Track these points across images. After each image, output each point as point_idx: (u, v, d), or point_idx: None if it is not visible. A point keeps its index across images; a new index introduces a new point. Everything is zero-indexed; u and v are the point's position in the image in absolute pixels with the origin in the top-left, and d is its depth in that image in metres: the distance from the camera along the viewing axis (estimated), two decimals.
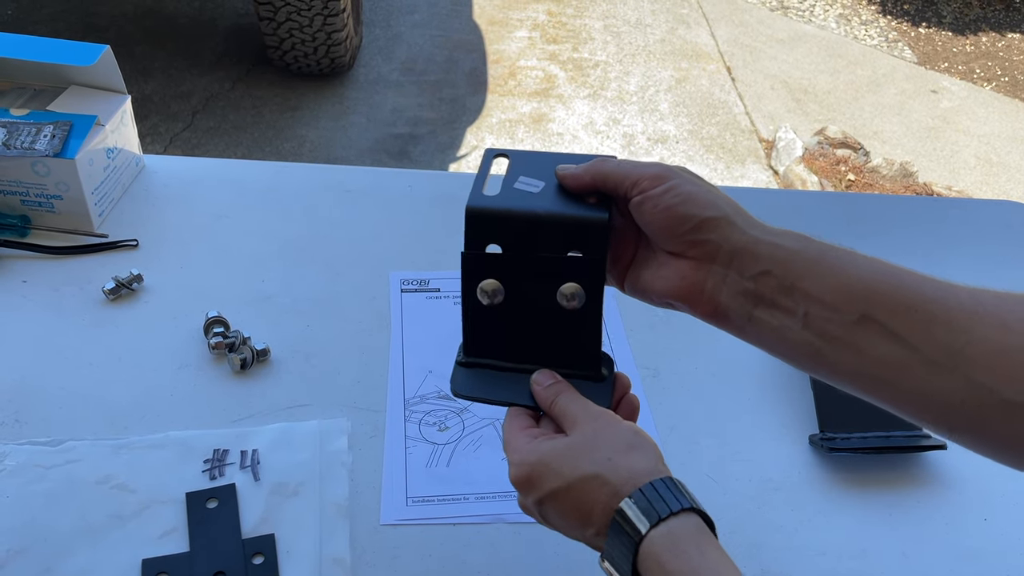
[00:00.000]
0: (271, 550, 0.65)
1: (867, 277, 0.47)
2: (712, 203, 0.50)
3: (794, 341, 0.49)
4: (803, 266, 0.48)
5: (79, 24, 3.44)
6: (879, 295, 0.46)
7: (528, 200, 0.54)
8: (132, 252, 0.92)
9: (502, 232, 0.53)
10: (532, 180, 0.55)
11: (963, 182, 3.12)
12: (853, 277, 0.47)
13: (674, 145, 3.15)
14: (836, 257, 0.48)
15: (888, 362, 0.46)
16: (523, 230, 0.53)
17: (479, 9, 3.94)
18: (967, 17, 4.35)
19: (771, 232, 0.50)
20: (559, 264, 0.53)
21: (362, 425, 0.76)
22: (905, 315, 0.45)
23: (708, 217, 0.50)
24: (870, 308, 0.46)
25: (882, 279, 0.47)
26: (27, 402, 0.75)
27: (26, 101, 0.96)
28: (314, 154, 2.89)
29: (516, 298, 0.55)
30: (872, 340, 0.46)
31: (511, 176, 0.56)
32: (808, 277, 0.47)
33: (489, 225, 0.54)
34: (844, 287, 0.47)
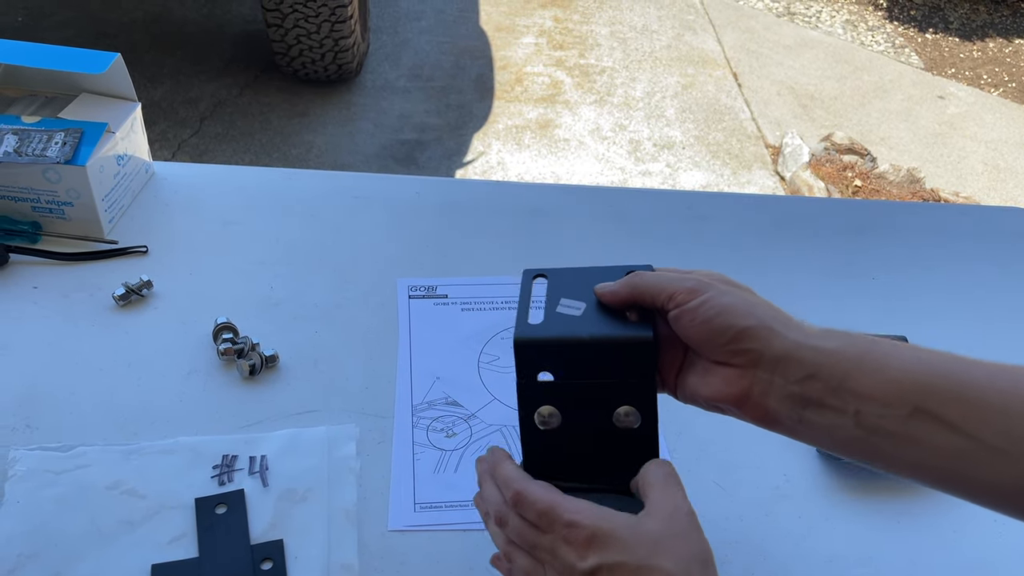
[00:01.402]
0: (280, 556, 0.65)
1: (914, 369, 0.47)
2: (749, 312, 0.51)
3: (848, 439, 0.48)
4: (848, 365, 0.48)
5: (88, 31, 3.46)
6: (929, 387, 0.46)
7: (572, 324, 0.54)
8: (142, 258, 0.92)
9: (551, 360, 0.54)
10: (573, 302, 0.56)
11: (970, 188, 3.11)
12: (900, 371, 0.47)
13: (680, 151, 3.15)
14: (881, 353, 0.48)
15: (949, 453, 0.45)
16: (571, 356, 0.53)
17: (486, 15, 3.95)
18: (974, 23, 4.34)
19: (812, 334, 0.50)
20: (611, 389, 0.53)
21: (370, 431, 0.76)
22: (958, 404, 0.45)
23: (746, 327, 0.50)
24: (922, 400, 0.46)
25: (930, 370, 0.46)
26: (37, 408, 0.75)
27: (37, 108, 0.97)
28: (321, 160, 2.90)
29: (572, 421, 0.54)
30: (929, 432, 0.46)
31: (552, 299, 0.56)
32: (854, 376, 0.47)
33: (538, 354, 0.54)
34: (893, 382, 0.47)
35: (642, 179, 2.99)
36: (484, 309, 0.90)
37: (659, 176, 3.02)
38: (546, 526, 0.49)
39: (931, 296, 0.96)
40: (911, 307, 0.94)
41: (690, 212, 1.07)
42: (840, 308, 0.93)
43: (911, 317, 0.92)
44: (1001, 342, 0.91)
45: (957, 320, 0.93)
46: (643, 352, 0.52)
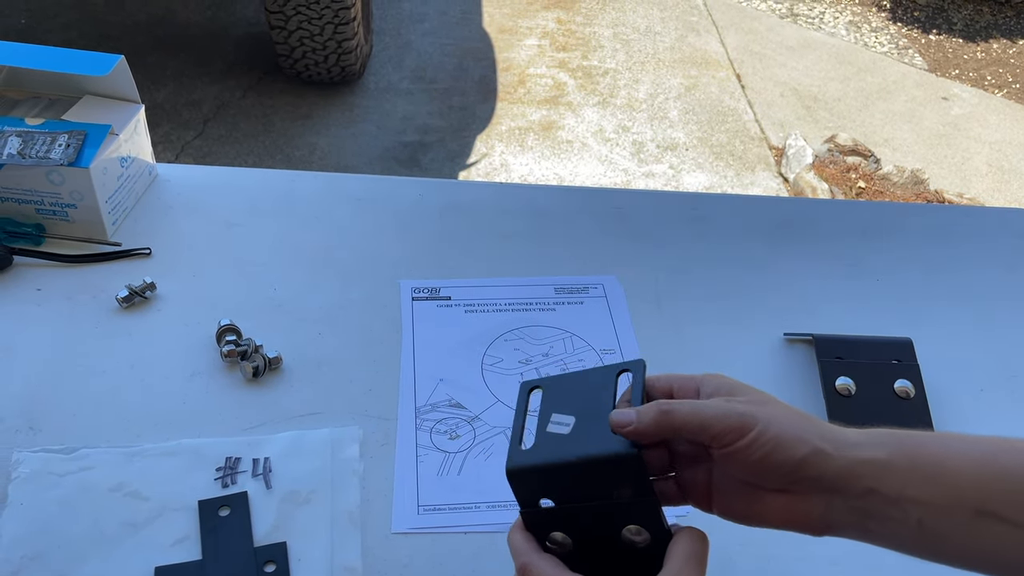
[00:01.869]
0: (283, 558, 0.65)
1: (969, 470, 0.46)
2: (800, 438, 0.48)
3: (914, 544, 0.48)
4: (902, 475, 0.47)
5: (92, 33, 3.47)
6: (988, 487, 0.45)
7: (561, 446, 0.51)
8: (145, 260, 0.92)
9: (544, 486, 0.51)
10: (563, 417, 0.52)
11: (974, 189, 3.10)
12: (955, 473, 0.46)
13: (683, 152, 3.14)
14: (932, 456, 0.47)
15: (1013, 548, 0.45)
16: (562, 479, 0.50)
17: (489, 17, 3.95)
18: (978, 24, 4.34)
19: (860, 445, 0.48)
20: (611, 509, 0.50)
21: (373, 433, 0.76)
22: (1019, 501, 0.44)
23: (802, 458, 0.48)
24: (983, 503, 0.45)
25: (984, 469, 0.46)
26: (41, 410, 0.75)
27: (41, 111, 0.97)
28: (324, 162, 2.91)
29: (583, 542, 0.52)
30: (995, 532, 0.45)
31: (544, 415, 0.53)
32: (911, 485, 0.46)
33: (531, 482, 0.51)
34: (951, 487, 0.46)
35: (645, 181, 2.99)
36: (487, 311, 0.90)
37: (662, 178, 3.02)
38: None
39: (935, 298, 0.96)
40: (915, 309, 0.94)
41: (693, 214, 1.07)
42: (844, 310, 0.93)
43: (915, 319, 0.92)
44: (1005, 343, 0.91)
45: (961, 322, 0.93)
46: (631, 466, 0.49)
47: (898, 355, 0.83)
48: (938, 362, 0.85)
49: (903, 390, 0.80)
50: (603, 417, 0.51)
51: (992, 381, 0.86)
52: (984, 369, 0.87)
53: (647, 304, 0.92)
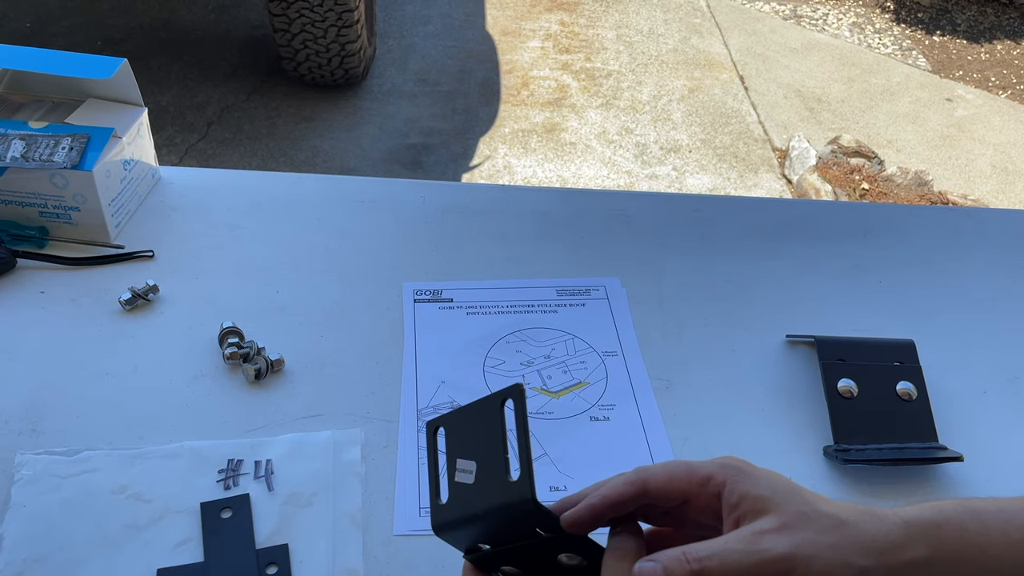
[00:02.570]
0: (285, 560, 0.65)
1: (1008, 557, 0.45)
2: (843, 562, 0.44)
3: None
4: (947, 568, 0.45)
5: (96, 36, 3.48)
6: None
7: (470, 496, 0.49)
8: (148, 263, 0.92)
9: (474, 534, 0.50)
10: (466, 463, 0.50)
11: (979, 191, 3.10)
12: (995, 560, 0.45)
13: (687, 154, 3.14)
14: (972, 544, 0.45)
15: None
16: (487, 527, 0.49)
17: (492, 20, 3.95)
18: (982, 25, 4.33)
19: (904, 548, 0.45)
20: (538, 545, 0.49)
21: (375, 435, 0.76)
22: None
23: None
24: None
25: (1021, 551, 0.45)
26: (44, 412, 0.76)
27: (44, 114, 0.97)
28: (327, 164, 2.91)
29: (532, 570, 0.51)
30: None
31: (451, 462, 0.51)
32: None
33: (460, 534, 0.50)
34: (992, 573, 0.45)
35: (648, 182, 2.99)
36: (489, 313, 0.90)
37: (665, 179, 3.02)
38: None
39: (939, 299, 0.96)
40: (919, 311, 0.94)
41: (697, 215, 1.06)
42: (846, 312, 0.93)
43: (918, 321, 0.92)
44: (1007, 345, 0.90)
45: (964, 324, 0.93)
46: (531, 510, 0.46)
47: (901, 357, 0.83)
48: (941, 364, 0.85)
49: (905, 392, 0.80)
50: (498, 459, 0.48)
51: (995, 383, 0.86)
52: (987, 371, 0.87)
53: (649, 306, 0.92)
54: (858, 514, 0.45)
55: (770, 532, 0.43)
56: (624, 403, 0.81)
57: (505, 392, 0.49)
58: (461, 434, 0.51)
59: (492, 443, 0.49)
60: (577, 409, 0.80)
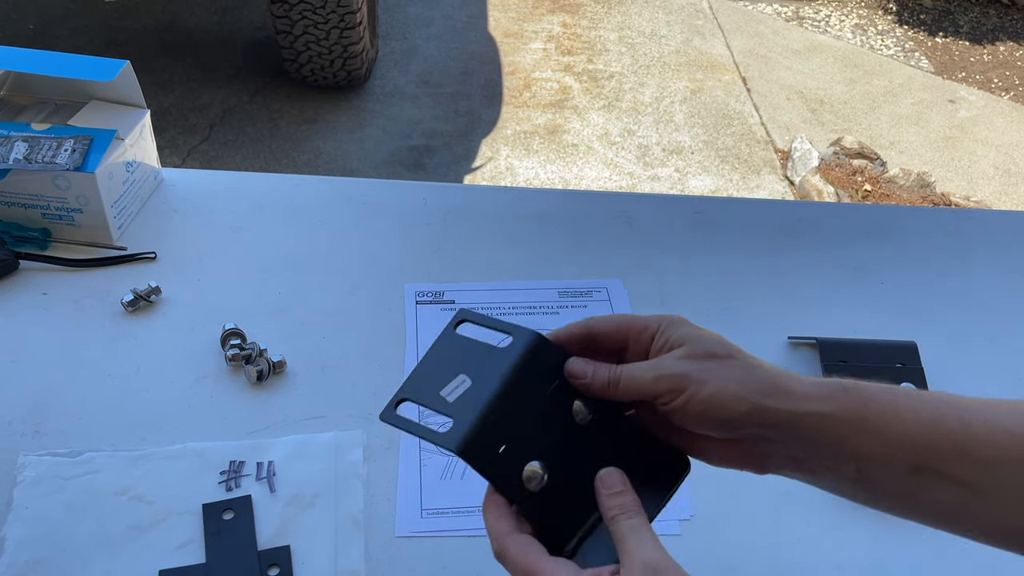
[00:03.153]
0: (287, 562, 0.65)
1: (913, 430, 0.47)
2: (739, 396, 0.48)
3: (852, 491, 0.49)
4: (846, 430, 0.47)
5: (99, 38, 3.48)
6: (930, 446, 0.46)
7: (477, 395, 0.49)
8: (150, 264, 0.93)
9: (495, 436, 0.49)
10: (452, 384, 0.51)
11: (981, 192, 3.09)
12: (900, 431, 0.47)
13: (689, 156, 3.14)
14: (879, 412, 0.47)
15: (954, 506, 0.46)
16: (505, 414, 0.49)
17: (494, 22, 3.96)
18: (984, 26, 4.33)
19: (808, 398, 0.48)
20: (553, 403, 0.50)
21: (377, 437, 0.76)
22: (959, 460, 0.46)
23: (741, 414, 0.48)
24: (923, 460, 0.46)
25: (932, 428, 0.46)
26: (46, 413, 0.76)
27: (47, 116, 0.98)
28: (330, 166, 2.91)
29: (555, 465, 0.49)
30: (930, 487, 0.46)
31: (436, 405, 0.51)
32: (853, 437, 0.47)
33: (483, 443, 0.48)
34: (893, 444, 0.47)
35: (651, 184, 2.99)
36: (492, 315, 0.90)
37: (668, 181, 3.02)
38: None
39: (941, 301, 0.96)
40: (921, 312, 0.94)
41: (699, 217, 1.06)
42: (849, 313, 0.93)
43: (921, 322, 0.92)
44: (1010, 347, 0.90)
45: (967, 325, 0.93)
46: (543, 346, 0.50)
47: (903, 358, 0.83)
48: (943, 365, 0.85)
49: None
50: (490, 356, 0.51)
51: (997, 384, 0.86)
52: (989, 372, 0.87)
53: (651, 307, 0.92)
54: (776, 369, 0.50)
55: (672, 358, 0.49)
56: None
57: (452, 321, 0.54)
58: (427, 383, 0.53)
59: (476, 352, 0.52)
60: None
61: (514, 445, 0.49)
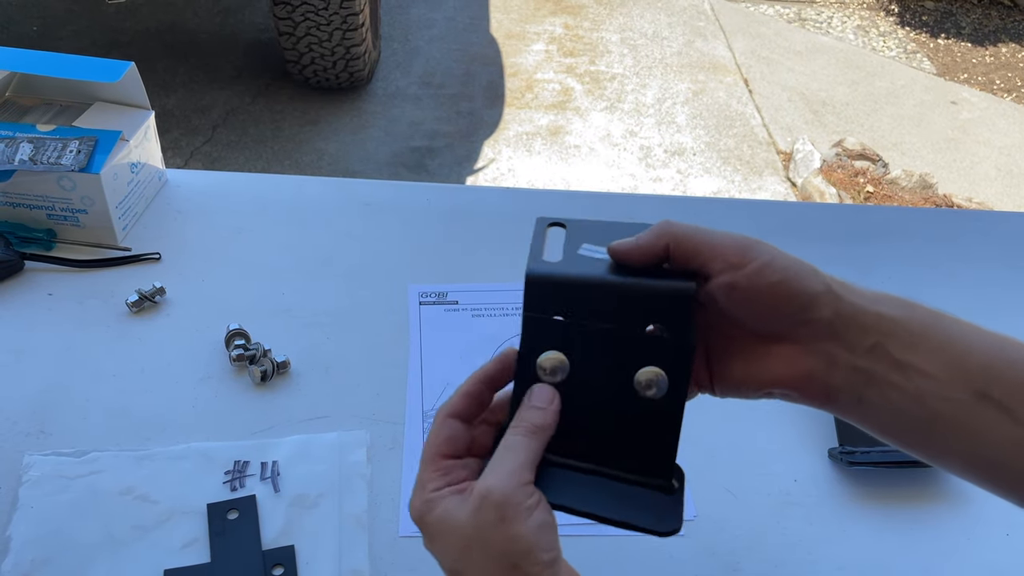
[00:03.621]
0: (291, 562, 0.66)
1: (979, 351, 0.44)
2: (813, 275, 0.45)
3: (905, 422, 0.45)
4: (912, 338, 0.44)
5: (103, 40, 3.49)
6: (995, 371, 0.43)
7: (596, 267, 0.46)
8: (155, 265, 0.93)
9: (569, 303, 0.45)
10: (596, 248, 0.47)
11: (984, 194, 3.09)
12: (965, 351, 0.44)
13: (691, 157, 3.14)
14: (944, 328, 0.45)
15: (1007, 445, 0.43)
16: (594, 301, 0.45)
17: (496, 23, 3.96)
18: (986, 28, 4.33)
19: (873, 299, 0.45)
20: (636, 343, 0.45)
21: (381, 437, 0.76)
22: (1020, 394, 0.42)
23: (816, 293, 0.44)
24: (987, 386, 0.43)
25: (997, 353, 0.44)
26: (52, 413, 0.76)
27: (52, 117, 0.98)
28: (332, 167, 2.92)
29: (581, 380, 0.46)
30: (989, 421, 0.43)
31: (572, 243, 0.48)
32: (919, 350, 0.44)
33: (553, 294, 0.46)
34: (958, 362, 0.43)
35: (653, 185, 2.99)
36: (494, 315, 0.90)
37: (670, 182, 3.02)
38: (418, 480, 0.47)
39: (944, 303, 0.95)
40: None
41: (701, 219, 1.06)
42: None
43: None
44: None
45: None
46: (682, 306, 0.44)
47: None
48: None
49: None
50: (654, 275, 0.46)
51: None
52: None
53: None
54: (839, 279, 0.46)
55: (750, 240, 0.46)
56: None
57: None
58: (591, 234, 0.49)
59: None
60: None
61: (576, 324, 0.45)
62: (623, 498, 0.46)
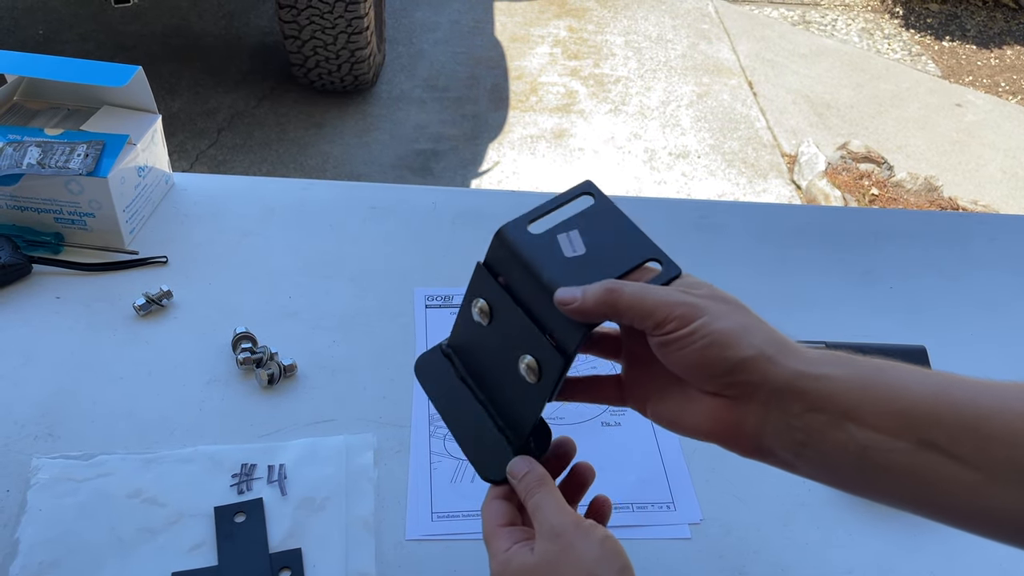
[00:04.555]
0: (298, 564, 0.66)
1: (920, 400, 0.44)
2: (746, 340, 0.46)
3: (847, 473, 0.46)
4: (854, 397, 0.45)
5: (108, 43, 3.50)
6: (937, 417, 0.44)
7: (551, 256, 0.52)
8: (162, 269, 0.93)
9: (512, 275, 0.53)
10: (579, 238, 0.53)
11: (989, 196, 3.09)
12: (907, 402, 0.44)
13: (695, 160, 3.14)
14: (887, 381, 0.45)
15: (951, 485, 0.44)
16: (526, 288, 0.52)
17: (501, 26, 3.97)
18: (991, 30, 4.32)
19: (814, 361, 0.46)
20: (536, 337, 0.51)
21: (387, 440, 0.76)
22: (964, 436, 0.43)
23: (744, 359, 0.46)
24: (930, 433, 0.44)
25: (941, 398, 0.44)
26: (60, 416, 0.76)
27: (60, 121, 0.98)
28: (337, 170, 2.92)
29: (494, 333, 0.54)
30: (933, 465, 0.44)
31: (570, 223, 0.54)
32: (860, 408, 0.45)
33: (506, 261, 0.53)
34: (901, 414, 0.44)
35: (657, 188, 2.99)
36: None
37: (674, 185, 3.02)
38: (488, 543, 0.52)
39: (949, 305, 0.96)
40: (929, 316, 0.94)
41: (705, 221, 1.07)
42: (857, 318, 0.93)
43: (929, 327, 0.92)
44: (1018, 351, 0.90)
45: (975, 329, 0.93)
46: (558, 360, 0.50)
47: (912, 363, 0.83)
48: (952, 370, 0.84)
49: None
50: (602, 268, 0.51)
51: None
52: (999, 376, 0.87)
53: None
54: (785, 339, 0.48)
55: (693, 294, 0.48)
56: None
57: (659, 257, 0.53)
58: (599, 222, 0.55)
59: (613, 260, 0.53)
60: (588, 415, 0.81)
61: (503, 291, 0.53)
62: (479, 432, 0.55)
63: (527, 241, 0.52)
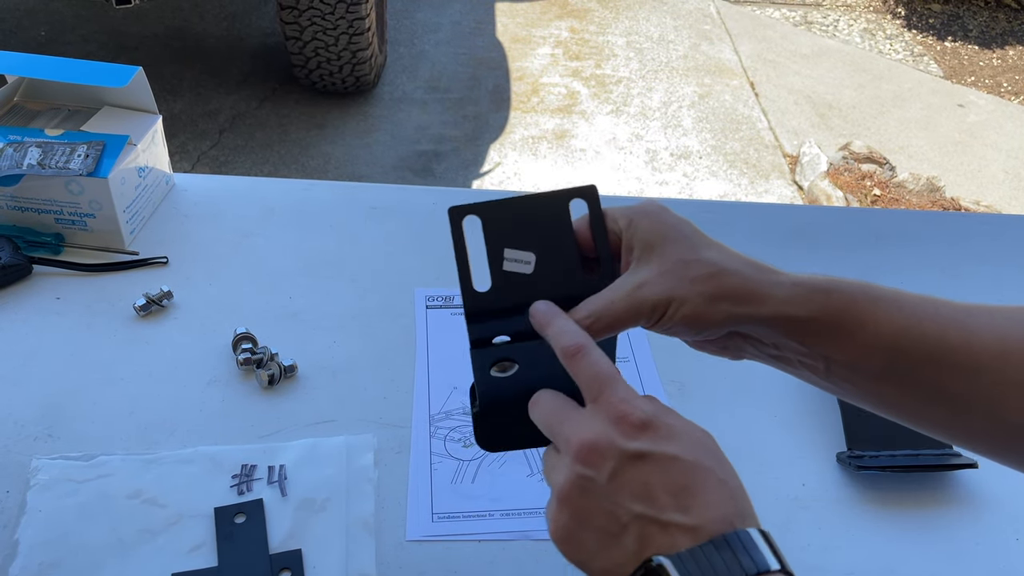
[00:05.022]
0: (298, 565, 0.65)
1: (887, 334, 0.48)
2: (713, 306, 0.49)
3: (821, 382, 0.52)
4: (820, 333, 0.49)
5: (110, 44, 3.50)
6: (901, 351, 0.48)
7: (522, 286, 0.50)
8: (162, 269, 0.93)
9: (506, 326, 0.50)
10: (519, 253, 0.50)
11: (991, 197, 3.08)
12: (873, 335, 0.48)
13: (697, 161, 3.14)
14: (855, 317, 0.48)
15: (911, 406, 0.49)
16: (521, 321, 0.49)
17: (502, 27, 3.97)
18: (993, 31, 4.32)
19: (782, 302, 0.49)
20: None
21: (388, 441, 0.76)
22: (928, 367, 0.47)
23: (717, 322, 0.50)
24: (893, 363, 0.48)
25: (903, 333, 0.48)
26: (60, 417, 0.76)
27: (61, 121, 0.98)
28: (339, 171, 2.92)
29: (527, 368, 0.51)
30: (894, 390, 0.49)
31: (494, 249, 0.50)
32: (825, 342, 0.49)
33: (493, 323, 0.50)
34: (864, 347, 0.48)
35: (659, 189, 2.99)
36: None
37: (676, 186, 3.02)
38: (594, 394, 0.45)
39: None
40: None
41: (707, 221, 1.06)
42: None
43: None
44: None
45: None
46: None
47: None
48: None
49: None
50: (567, 253, 0.50)
51: None
52: None
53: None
54: (747, 266, 0.50)
55: (649, 283, 0.49)
56: None
57: (577, 189, 0.51)
58: (507, 225, 0.51)
59: (557, 237, 0.51)
60: None
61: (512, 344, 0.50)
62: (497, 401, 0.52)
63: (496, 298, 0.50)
